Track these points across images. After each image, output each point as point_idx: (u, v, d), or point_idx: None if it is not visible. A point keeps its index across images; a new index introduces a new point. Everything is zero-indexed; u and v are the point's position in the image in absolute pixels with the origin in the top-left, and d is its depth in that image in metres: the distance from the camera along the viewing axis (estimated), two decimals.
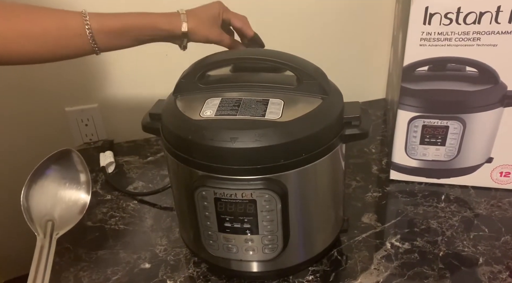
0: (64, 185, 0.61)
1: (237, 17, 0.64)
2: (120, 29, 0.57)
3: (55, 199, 0.60)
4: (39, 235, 0.58)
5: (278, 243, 0.55)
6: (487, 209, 0.72)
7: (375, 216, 0.72)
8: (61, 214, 0.59)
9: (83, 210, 0.61)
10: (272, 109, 0.53)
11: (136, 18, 0.58)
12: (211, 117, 0.53)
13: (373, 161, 0.85)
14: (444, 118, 0.71)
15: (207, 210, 0.54)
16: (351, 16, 0.99)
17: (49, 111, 0.93)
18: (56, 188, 0.60)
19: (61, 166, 0.62)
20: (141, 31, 0.58)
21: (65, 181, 0.61)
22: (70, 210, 0.60)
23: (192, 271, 0.63)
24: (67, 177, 0.62)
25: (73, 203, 0.60)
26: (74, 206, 0.61)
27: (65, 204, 0.60)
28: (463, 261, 0.63)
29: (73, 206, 0.60)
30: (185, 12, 0.60)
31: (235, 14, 0.65)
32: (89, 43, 0.55)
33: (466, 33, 0.64)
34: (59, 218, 0.59)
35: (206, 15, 0.61)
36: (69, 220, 0.60)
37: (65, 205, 0.60)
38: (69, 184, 0.62)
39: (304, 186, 0.55)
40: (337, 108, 0.55)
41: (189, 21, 0.59)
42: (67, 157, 0.63)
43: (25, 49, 0.53)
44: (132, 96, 0.96)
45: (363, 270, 0.62)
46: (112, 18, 0.57)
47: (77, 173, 0.64)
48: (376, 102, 1.05)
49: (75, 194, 0.62)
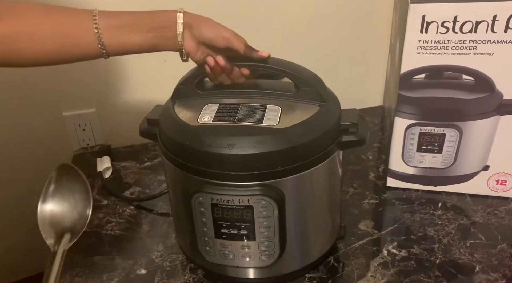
0: (71, 199, 0.65)
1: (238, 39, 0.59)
2: (129, 23, 0.55)
3: (65, 213, 0.64)
4: (53, 248, 0.60)
5: (275, 250, 0.55)
6: (483, 216, 0.72)
7: (372, 223, 0.72)
8: (71, 226, 0.63)
9: (86, 223, 0.64)
10: (269, 116, 0.54)
11: (146, 12, 0.56)
12: (209, 123, 0.53)
13: (370, 167, 0.85)
14: (441, 126, 0.71)
15: (204, 216, 0.53)
16: (349, 24, 0.99)
17: (47, 116, 0.93)
18: (65, 202, 0.64)
19: (67, 181, 0.66)
20: (150, 24, 0.55)
21: (72, 195, 0.65)
22: (77, 223, 0.63)
23: (188, 277, 0.63)
24: (73, 191, 0.65)
25: (79, 216, 0.64)
26: (81, 219, 0.64)
27: (72, 217, 0.64)
28: (459, 268, 0.63)
29: (80, 219, 0.64)
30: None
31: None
32: (96, 42, 0.54)
33: (462, 42, 0.65)
34: (70, 230, 0.63)
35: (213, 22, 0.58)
36: (75, 233, 0.63)
37: (73, 218, 0.64)
38: (76, 198, 0.65)
39: (301, 192, 0.55)
40: (335, 115, 0.56)
41: (199, 19, 0.57)
42: (69, 171, 0.67)
43: (33, 50, 0.53)
44: (129, 101, 0.96)
45: (360, 277, 0.62)
46: (122, 13, 0.56)
47: (81, 187, 0.67)
48: (373, 110, 1.05)
49: (81, 207, 0.65)
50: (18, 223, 1.01)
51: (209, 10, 0.89)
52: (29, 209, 1.00)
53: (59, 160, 0.95)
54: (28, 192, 0.99)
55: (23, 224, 1.01)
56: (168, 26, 0.55)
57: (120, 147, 0.96)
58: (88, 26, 0.53)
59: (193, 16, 0.57)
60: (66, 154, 0.95)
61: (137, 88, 0.95)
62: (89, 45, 0.54)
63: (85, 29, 0.53)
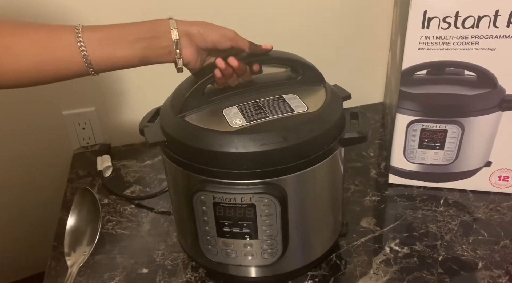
0: (89, 220, 0.70)
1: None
2: (114, 34, 0.51)
3: (84, 233, 0.69)
4: (70, 269, 0.63)
5: (277, 248, 0.55)
6: (486, 213, 0.72)
7: (374, 220, 0.71)
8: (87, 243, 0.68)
9: (95, 240, 0.68)
10: (294, 104, 0.55)
11: (132, 23, 0.52)
12: (244, 125, 0.52)
13: (371, 164, 0.85)
14: (443, 122, 0.71)
15: (206, 214, 0.53)
16: (349, 20, 0.99)
17: (46, 115, 0.93)
18: (84, 222, 0.70)
19: (85, 203, 0.72)
20: (137, 35, 0.51)
21: (88, 216, 0.70)
22: (90, 240, 0.68)
23: (190, 276, 0.63)
24: (90, 214, 0.71)
25: (93, 233, 0.68)
26: (93, 236, 0.68)
27: (87, 236, 0.68)
28: (462, 265, 0.62)
29: (93, 236, 0.68)
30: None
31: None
32: (80, 57, 0.50)
33: (464, 37, 0.64)
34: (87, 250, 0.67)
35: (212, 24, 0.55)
36: (86, 249, 0.67)
37: (87, 238, 0.68)
38: (90, 220, 0.70)
39: (304, 190, 0.55)
40: (337, 112, 0.55)
41: (196, 23, 0.53)
42: (88, 194, 0.73)
43: (9, 66, 0.49)
44: (129, 100, 0.96)
45: (362, 274, 0.62)
46: (107, 26, 0.52)
47: (95, 209, 0.72)
48: (374, 106, 1.05)
49: (94, 226, 0.70)
50: (18, 222, 1.01)
51: (211, 9, 0.90)
52: (28, 208, 1.00)
53: (59, 159, 0.95)
54: (28, 192, 0.98)
55: (23, 223, 1.01)
56: (159, 36, 0.52)
57: (120, 145, 0.95)
58: (70, 40, 0.50)
59: (188, 22, 0.53)
60: (66, 153, 0.94)
61: (137, 87, 0.95)
62: (72, 61, 0.50)
63: (66, 43, 0.50)
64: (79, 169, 0.88)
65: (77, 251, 0.66)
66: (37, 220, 1.01)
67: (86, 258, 0.65)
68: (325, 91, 0.58)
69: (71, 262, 0.64)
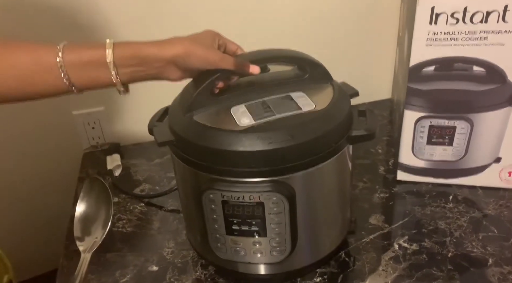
0: (99, 207, 0.70)
1: (231, 41, 0.59)
2: (96, 58, 0.50)
3: (95, 219, 0.69)
4: (83, 253, 0.64)
5: (286, 245, 0.55)
6: (495, 209, 0.71)
7: (383, 217, 0.71)
8: (98, 232, 0.67)
9: (107, 226, 0.68)
10: (302, 102, 0.55)
11: (116, 45, 0.51)
12: (252, 123, 0.52)
13: (379, 161, 0.85)
14: (451, 118, 0.70)
15: (215, 212, 0.54)
16: (356, 16, 0.98)
17: (57, 115, 0.94)
18: (95, 210, 0.69)
19: (95, 191, 0.71)
20: (121, 59, 0.51)
21: (99, 204, 0.70)
22: (103, 228, 0.68)
23: (200, 273, 0.63)
24: (100, 201, 0.70)
25: (104, 222, 0.68)
26: (105, 224, 0.68)
27: (99, 223, 0.68)
28: (472, 262, 0.62)
29: (104, 224, 0.68)
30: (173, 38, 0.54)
31: (228, 39, 0.60)
32: (61, 77, 0.50)
33: (473, 33, 0.64)
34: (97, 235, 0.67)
35: (201, 38, 0.55)
36: (98, 237, 0.67)
37: (99, 224, 0.68)
38: (101, 207, 0.70)
39: (312, 188, 0.55)
40: (344, 110, 0.55)
41: (183, 42, 0.52)
42: (97, 183, 0.72)
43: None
44: (138, 99, 0.96)
45: (371, 271, 0.62)
46: (89, 47, 0.51)
47: (106, 197, 0.71)
48: (381, 103, 1.04)
49: (105, 214, 0.69)
50: (30, 221, 1.02)
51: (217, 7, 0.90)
52: (40, 206, 1.01)
53: (70, 159, 0.96)
54: (40, 190, 1.00)
55: (35, 221, 1.03)
56: (146, 63, 0.52)
57: (129, 144, 0.96)
58: (51, 63, 0.50)
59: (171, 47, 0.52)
60: (76, 152, 0.96)
61: (146, 86, 0.95)
62: (54, 84, 0.51)
63: (47, 67, 0.50)
64: (89, 168, 0.90)
65: (89, 236, 0.66)
66: (48, 218, 1.02)
67: (99, 243, 0.65)
68: (332, 89, 0.58)
69: (83, 247, 0.64)
